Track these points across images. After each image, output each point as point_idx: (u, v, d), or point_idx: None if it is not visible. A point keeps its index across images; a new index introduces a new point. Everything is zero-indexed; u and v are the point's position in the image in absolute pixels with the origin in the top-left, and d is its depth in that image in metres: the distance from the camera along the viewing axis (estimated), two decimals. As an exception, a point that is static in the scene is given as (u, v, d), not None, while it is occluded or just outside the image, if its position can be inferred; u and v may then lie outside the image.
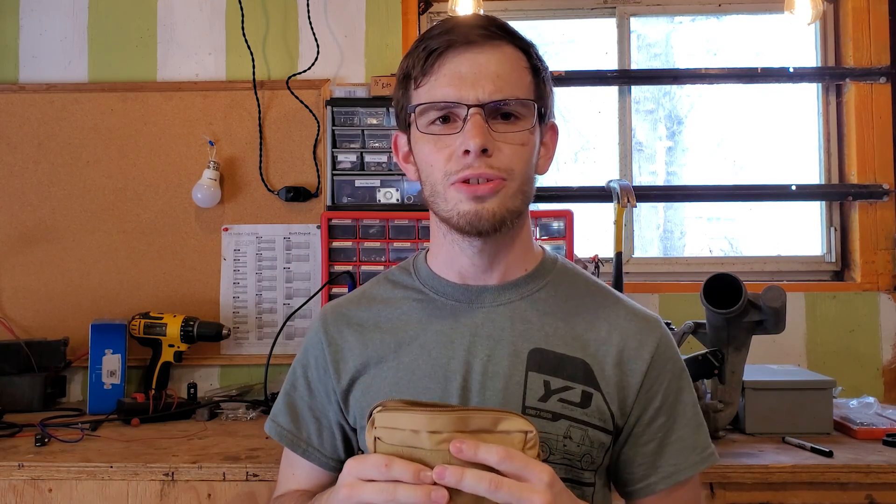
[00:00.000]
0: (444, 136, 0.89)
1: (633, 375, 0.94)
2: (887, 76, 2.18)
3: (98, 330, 1.94)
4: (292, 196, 2.10)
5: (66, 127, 2.15)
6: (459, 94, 0.88)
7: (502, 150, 0.88)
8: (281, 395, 1.06)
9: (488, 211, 0.88)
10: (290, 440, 1.02)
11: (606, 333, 0.95)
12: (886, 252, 2.16)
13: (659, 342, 0.96)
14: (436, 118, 0.90)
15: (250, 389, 2.04)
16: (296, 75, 2.13)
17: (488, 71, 0.88)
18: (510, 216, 0.90)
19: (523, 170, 0.90)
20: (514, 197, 0.90)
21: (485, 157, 0.87)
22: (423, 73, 0.90)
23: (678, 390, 0.97)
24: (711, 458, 0.97)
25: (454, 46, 0.89)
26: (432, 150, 0.90)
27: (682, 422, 0.96)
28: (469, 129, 0.86)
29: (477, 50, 0.89)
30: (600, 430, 0.92)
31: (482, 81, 0.88)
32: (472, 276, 0.97)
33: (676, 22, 2.41)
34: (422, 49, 0.91)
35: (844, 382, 1.94)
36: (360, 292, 1.05)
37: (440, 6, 2.29)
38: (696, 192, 2.30)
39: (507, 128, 0.89)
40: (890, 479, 1.40)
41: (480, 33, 0.89)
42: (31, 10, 2.19)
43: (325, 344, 1.00)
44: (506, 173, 0.88)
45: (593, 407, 0.91)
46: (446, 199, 0.90)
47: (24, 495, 1.44)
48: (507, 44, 0.91)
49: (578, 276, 1.02)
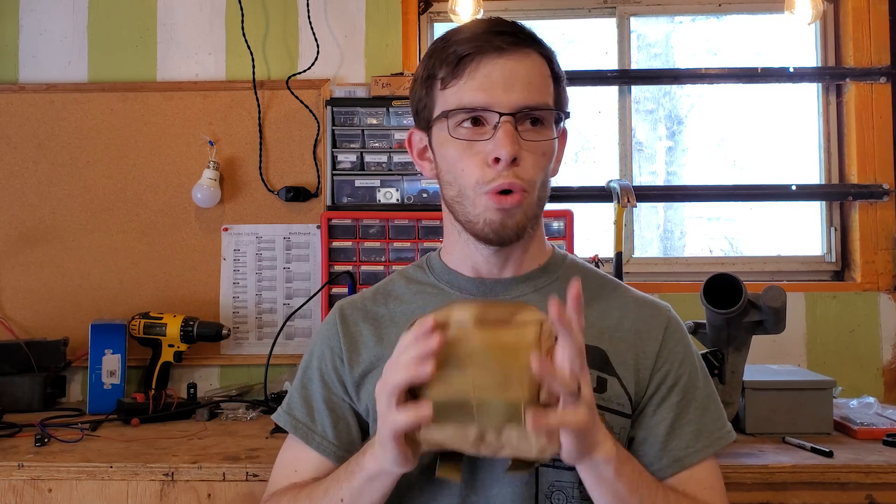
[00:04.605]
0: (474, 141, 0.92)
1: (646, 357, 0.97)
2: (887, 76, 2.18)
3: (98, 330, 1.94)
4: (292, 196, 2.10)
5: (66, 127, 2.15)
6: (491, 99, 0.90)
7: (527, 159, 0.91)
8: (295, 386, 1.06)
9: (513, 222, 0.92)
10: (305, 433, 1.02)
11: (618, 320, 0.99)
12: (886, 252, 2.16)
13: (668, 324, 1.00)
14: (464, 120, 0.92)
15: (250, 389, 2.04)
16: (296, 75, 2.13)
17: (519, 77, 0.91)
18: (531, 224, 0.95)
19: (542, 179, 0.95)
20: (534, 206, 0.94)
21: (513, 167, 0.90)
22: (452, 75, 0.92)
23: (691, 372, 0.98)
24: (724, 438, 0.97)
25: (485, 52, 0.91)
26: (462, 155, 0.93)
27: (694, 404, 0.97)
28: (501, 138, 0.89)
29: (508, 56, 0.91)
30: (619, 415, 0.94)
31: (514, 88, 0.90)
32: (487, 272, 1.00)
33: (676, 22, 2.41)
34: (451, 51, 0.92)
35: (844, 382, 1.93)
36: (376, 289, 1.08)
37: (440, 6, 2.29)
38: (696, 192, 2.30)
39: (535, 135, 0.92)
40: (890, 479, 1.40)
41: (510, 40, 0.91)
42: (31, 10, 2.19)
43: (341, 334, 1.02)
44: (528, 184, 0.92)
45: (610, 392, 0.94)
46: (475, 205, 0.93)
47: (23, 495, 1.44)
48: (534, 51, 0.93)
49: (588, 270, 1.06)
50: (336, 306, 1.07)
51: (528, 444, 0.75)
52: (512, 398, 0.73)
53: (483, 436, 0.75)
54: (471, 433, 0.75)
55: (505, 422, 0.74)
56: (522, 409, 0.73)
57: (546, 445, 0.75)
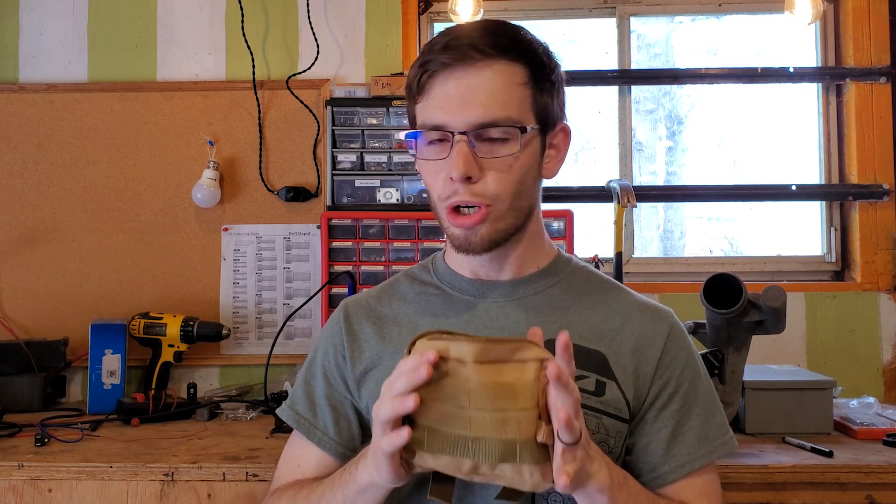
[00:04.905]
0: (437, 160, 0.92)
1: (647, 363, 0.96)
2: (887, 76, 2.18)
3: (98, 330, 1.94)
4: (292, 196, 2.10)
5: (66, 127, 2.15)
6: (446, 118, 0.90)
7: (487, 176, 0.91)
8: (299, 382, 1.07)
9: (478, 237, 0.92)
10: (307, 428, 1.03)
11: (620, 325, 0.98)
12: (886, 252, 2.16)
13: (671, 330, 0.99)
14: (429, 139, 0.93)
15: (250, 389, 2.04)
16: (296, 75, 2.13)
17: (476, 93, 0.89)
18: (502, 236, 0.94)
19: (510, 192, 0.92)
20: (502, 219, 0.93)
21: (469, 184, 0.90)
22: (419, 90, 0.93)
23: (693, 379, 0.98)
24: (727, 444, 0.97)
25: (447, 66, 0.90)
26: (429, 172, 0.94)
27: (696, 410, 0.97)
28: (453, 157, 0.89)
29: (466, 70, 0.89)
30: (616, 419, 0.94)
31: (469, 104, 0.89)
32: (485, 274, 1.01)
33: (676, 22, 2.41)
34: (419, 65, 0.92)
35: (844, 382, 1.93)
36: (381, 288, 1.09)
37: (440, 6, 2.29)
38: (696, 192, 2.30)
39: (493, 152, 0.91)
40: (890, 479, 1.40)
41: (472, 54, 0.89)
42: (31, 10, 2.19)
43: (345, 332, 1.03)
44: (491, 199, 0.91)
45: (608, 396, 0.94)
46: (441, 221, 0.95)
47: (23, 495, 1.44)
48: (500, 60, 0.90)
49: (592, 274, 1.06)
50: (341, 304, 1.08)
51: (521, 478, 0.75)
52: (508, 437, 0.74)
53: (477, 468, 0.76)
54: (465, 465, 0.75)
55: (499, 460, 0.74)
56: (518, 448, 0.74)
57: (539, 482, 0.75)
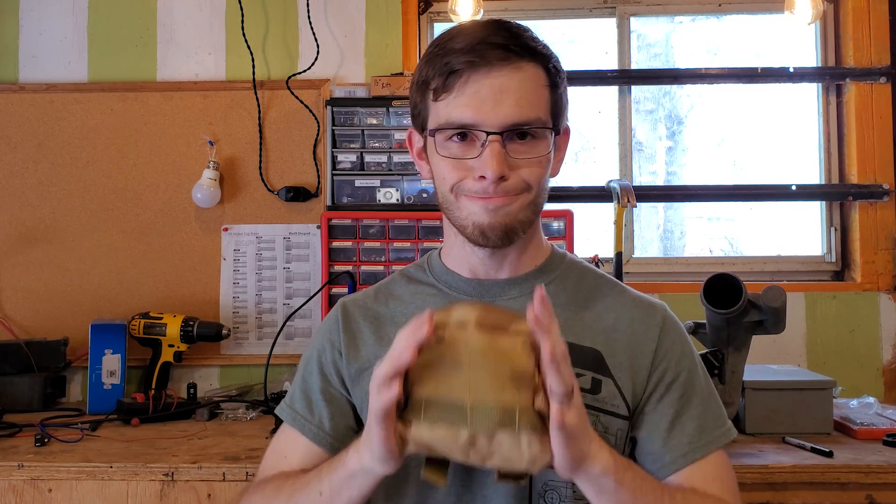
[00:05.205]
0: (462, 159, 0.91)
1: (643, 356, 0.96)
2: (887, 76, 2.18)
3: (98, 330, 1.94)
4: (292, 196, 2.10)
5: (66, 127, 2.15)
6: (478, 117, 0.89)
7: (520, 170, 0.91)
8: (297, 380, 1.07)
9: (500, 224, 0.92)
10: (302, 424, 1.02)
11: (614, 321, 0.98)
12: (886, 252, 2.16)
13: (664, 322, 0.99)
14: (452, 135, 0.92)
15: (250, 389, 2.04)
16: (296, 75, 2.13)
17: (509, 93, 0.89)
18: (522, 227, 0.94)
19: (540, 184, 0.94)
20: (526, 208, 0.93)
21: (501, 183, 0.90)
22: (443, 88, 0.91)
23: (690, 369, 0.98)
24: (726, 435, 0.97)
25: (476, 67, 0.89)
26: (449, 169, 0.93)
27: (695, 400, 0.97)
28: (487, 158, 0.89)
29: (498, 72, 0.89)
30: (614, 416, 0.94)
31: (503, 104, 0.89)
32: (483, 273, 1.01)
33: (676, 22, 2.41)
34: (443, 62, 0.91)
35: (844, 382, 1.93)
36: (377, 288, 1.08)
37: (440, 6, 2.29)
38: (696, 192, 2.30)
39: (526, 151, 0.91)
40: (890, 479, 1.40)
41: (501, 55, 0.89)
42: (31, 10, 2.19)
43: (342, 330, 1.03)
44: (521, 192, 0.92)
45: (604, 393, 0.94)
46: (460, 208, 0.93)
47: (23, 495, 1.44)
48: (527, 62, 0.91)
49: (586, 269, 1.06)
50: (339, 303, 1.08)
51: (519, 451, 0.73)
52: (507, 402, 0.73)
53: (474, 440, 0.73)
54: (462, 436, 0.73)
55: (498, 426, 0.73)
56: (517, 413, 0.73)
57: (538, 454, 0.74)
